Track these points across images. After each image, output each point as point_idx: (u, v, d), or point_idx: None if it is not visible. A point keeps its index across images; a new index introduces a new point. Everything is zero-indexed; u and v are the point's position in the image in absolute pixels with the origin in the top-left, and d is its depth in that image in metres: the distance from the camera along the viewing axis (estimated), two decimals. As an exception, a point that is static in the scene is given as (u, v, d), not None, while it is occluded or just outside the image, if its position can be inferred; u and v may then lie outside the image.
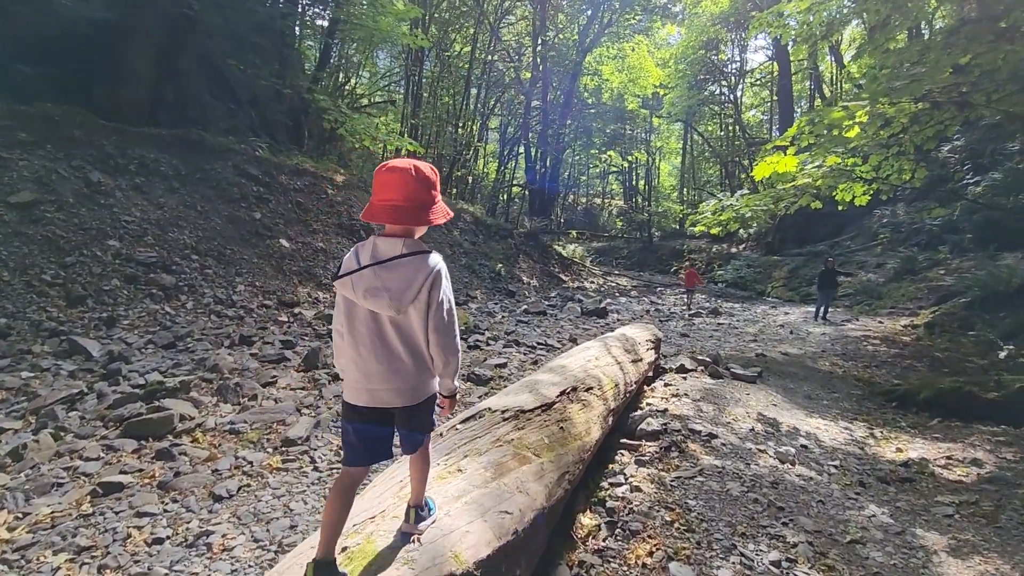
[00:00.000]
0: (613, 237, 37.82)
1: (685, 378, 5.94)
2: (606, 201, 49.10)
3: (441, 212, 1.65)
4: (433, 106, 28.01)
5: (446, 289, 1.63)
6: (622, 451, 4.01)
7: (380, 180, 1.61)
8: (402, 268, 1.55)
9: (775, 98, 33.76)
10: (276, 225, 11.20)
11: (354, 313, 1.62)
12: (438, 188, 1.67)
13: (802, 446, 4.25)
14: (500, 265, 16.77)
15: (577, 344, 8.92)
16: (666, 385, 5.64)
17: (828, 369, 7.56)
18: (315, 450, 4.07)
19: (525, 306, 13.04)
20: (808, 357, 8.26)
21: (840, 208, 10.23)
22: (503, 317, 11.67)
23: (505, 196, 29.62)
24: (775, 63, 32.51)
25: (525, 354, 7.98)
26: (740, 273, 23.95)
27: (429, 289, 1.57)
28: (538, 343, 8.69)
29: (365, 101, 32.94)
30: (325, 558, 1.49)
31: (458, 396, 1.87)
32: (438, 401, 1.75)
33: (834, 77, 32.86)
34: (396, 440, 1.72)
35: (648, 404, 5.02)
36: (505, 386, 6.28)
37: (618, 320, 12.26)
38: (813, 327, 11.43)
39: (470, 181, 29.16)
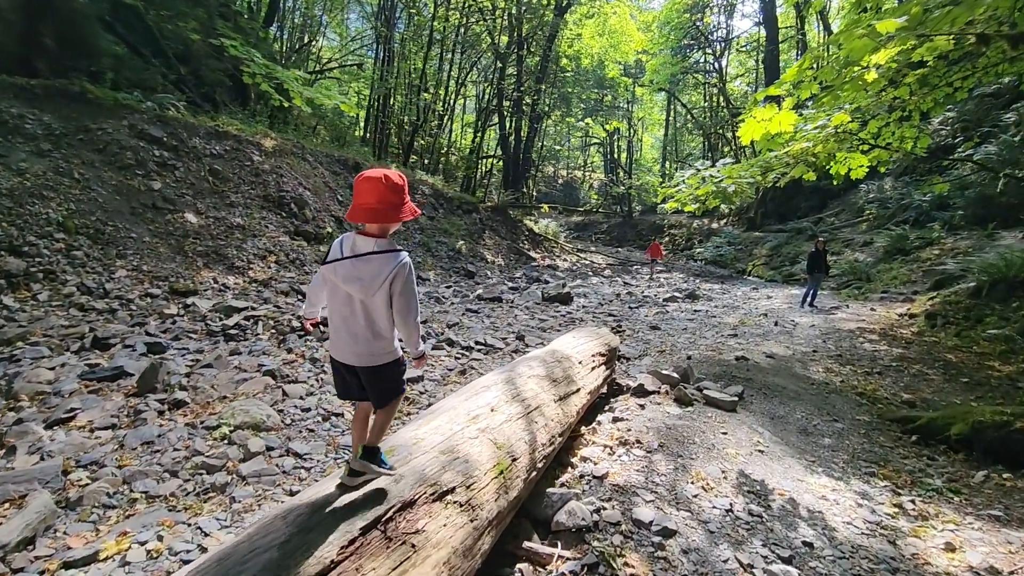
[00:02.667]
0: (590, 211, 36.04)
1: (643, 405, 4.36)
2: (587, 174, 47.17)
3: (408, 211, 1.97)
4: (405, 71, 25.73)
5: (409, 280, 1.95)
6: (521, 566, 2.43)
7: (358, 187, 1.93)
8: (373, 262, 1.89)
9: (761, 67, 31.85)
10: (182, 197, 9.32)
11: (335, 291, 1.97)
12: (406, 191, 1.98)
13: (805, 544, 2.70)
14: (461, 242, 15.03)
15: (525, 344, 7.33)
16: (615, 420, 4.06)
17: (823, 378, 6.05)
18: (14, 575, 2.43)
19: (480, 290, 11.38)
20: (797, 360, 6.75)
21: (836, 183, 8.68)
22: (452, 304, 10.02)
23: (477, 167, 27.55)
24: (762, 29, 30.51)
25: (456, 359, 6.36)
26: (720, 251, 22.45)
27: (392, 281, 1.90)
28: (477, 343, 7.06)
29: (334, 65, 30.53)
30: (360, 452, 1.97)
31: (426, 357, 2.38)
32: (411, 360, 2.14)
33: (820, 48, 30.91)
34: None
35: (582, 459, 3.43)
36: (413, 413, 4.68)
37: (583, 307, 10.67)
38: (800, 316, 9.95)
39: (441, 151, 27.02)
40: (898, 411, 5.01)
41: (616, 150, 39.68)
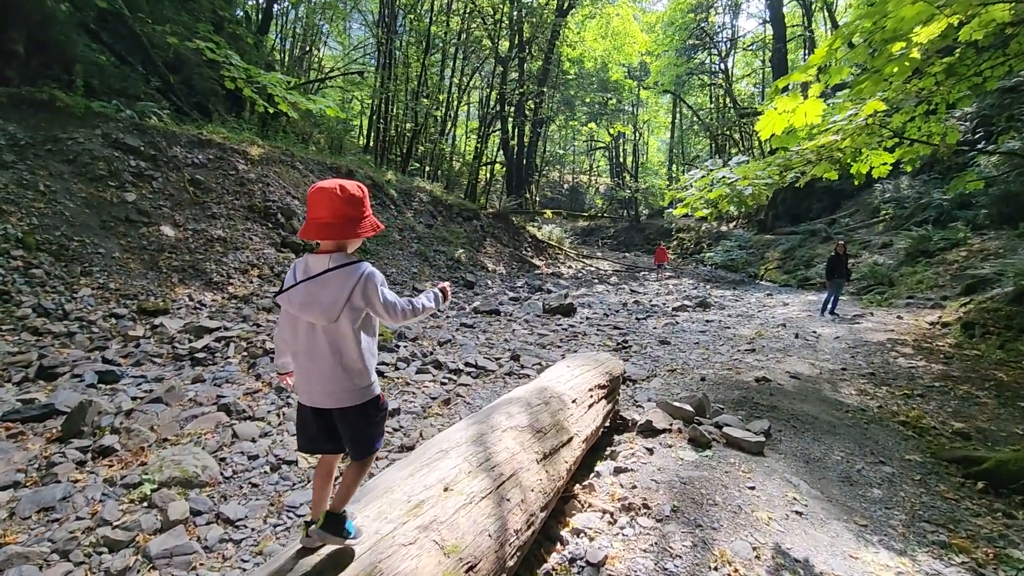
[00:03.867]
0: (595, 216, 35.26)
1: (651, 449, 3.62)
2: (593, 179, 46.45)
3: (369, 226, 1.73)
4: (406, 77, 25.17)
5: (380, 287, 1.69)
6: None
7: (311, 200, 1.68)
8: (331, 281, 1.64)
9: (768, 67, 31.04)
10: (158, 209, 8.72)
11: (296, 323, 1.70)
12: (366, 204, 1.74)
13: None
14: (460, 251, 14.34)
15: (520, 365, 6.58)
16: (618, 471, 3.32)
17: (857, 403, 5.27)
18: None
19: (478, 302, 10.67)
20: (826, 380, 5.96)
21: (856, 182, 7.90)
22: (446, 318, 9.33)
23: (479, 174, 26.89)
24: (768, 28, 29.71)
25: (441, 385, 5.65)
26: (731, 255, 21.59)
27: (361, 294, 1.65)
28: (467, 364, 6.34)
29: (336, 73, 30.12)
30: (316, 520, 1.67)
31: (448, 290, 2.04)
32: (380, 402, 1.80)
33: (830, 43, 29.96)
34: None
35: (574, 532, 2.70)
36: (381, 458, 3.96)
37: (587, 319, 9.92)
38: (821, 326, 9.14)
39: (443, 157, 26.42)
40: (952, 447, 4.22)
41: (621, 154, 38.94)
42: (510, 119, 25.02)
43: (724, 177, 5.50)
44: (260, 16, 19.92)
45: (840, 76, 4.47)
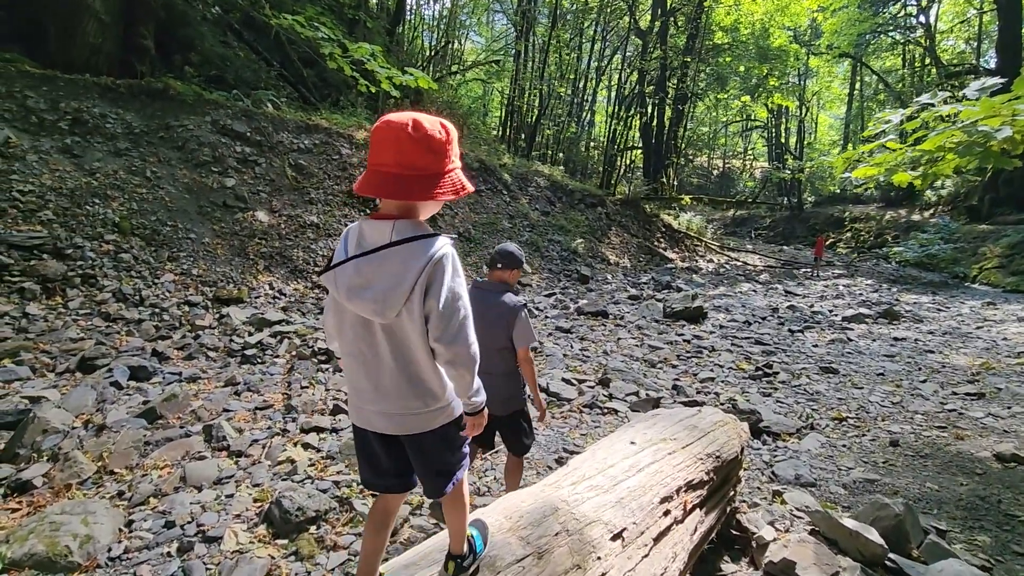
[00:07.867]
0: (747, 203, 30.68)
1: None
2: (747, 163, 41.11)
3: (451, 185, 1.10)
4: (543, 62, 23.92)
5: (453, 284, 1.10)
6: None
7: (373, 138, 1.11)
8: (390, 260, 1.07)
9: (987, 14, 24.05)
10: (256, 194, 8.43)
11: (342, 315, 1.18)
12: (450, 153, 1.11)
13: None
14: (579, 241, 12.65)
15: (609, 394, 4.79)
16: None
17: None
18: None
19: (585, 301, 8.95)
20: None
21: None
22: (545, 319, 7.80)
23: (616, 159, 24.61)
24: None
25: (491, 416, 4.17)
26: (929, 249, 16.85)
27: (425, 285, 1.07)
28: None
29: (480, 63, 30.00)
30: None
31: (484, 414, 1.23)
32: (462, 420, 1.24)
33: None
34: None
35: None
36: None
37: (720, 327, 7.67)
38: (1099, 360, 5.89)
39: (575, 141, 24.70)
40: None
41: (783, 133, 33.49)
42: (649, 98, 22.42)
43: (953, 113, 3.15)
44: (394, 10, 20.10)
45: None
